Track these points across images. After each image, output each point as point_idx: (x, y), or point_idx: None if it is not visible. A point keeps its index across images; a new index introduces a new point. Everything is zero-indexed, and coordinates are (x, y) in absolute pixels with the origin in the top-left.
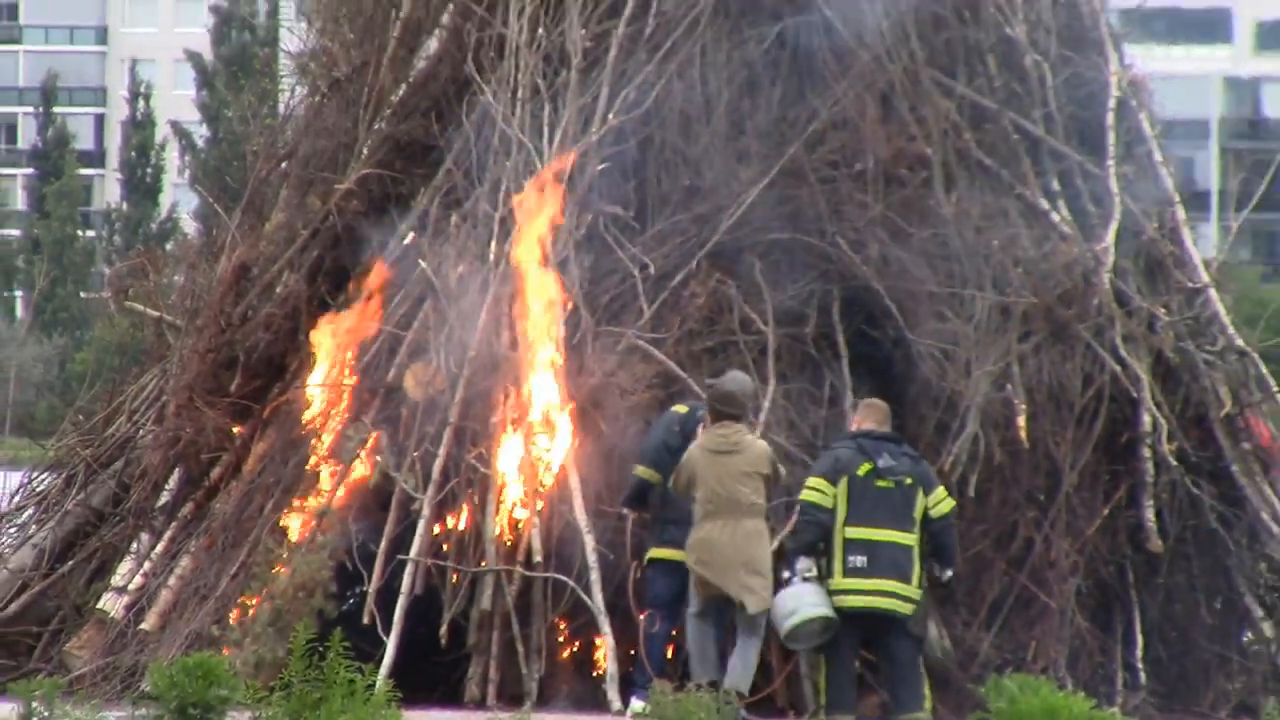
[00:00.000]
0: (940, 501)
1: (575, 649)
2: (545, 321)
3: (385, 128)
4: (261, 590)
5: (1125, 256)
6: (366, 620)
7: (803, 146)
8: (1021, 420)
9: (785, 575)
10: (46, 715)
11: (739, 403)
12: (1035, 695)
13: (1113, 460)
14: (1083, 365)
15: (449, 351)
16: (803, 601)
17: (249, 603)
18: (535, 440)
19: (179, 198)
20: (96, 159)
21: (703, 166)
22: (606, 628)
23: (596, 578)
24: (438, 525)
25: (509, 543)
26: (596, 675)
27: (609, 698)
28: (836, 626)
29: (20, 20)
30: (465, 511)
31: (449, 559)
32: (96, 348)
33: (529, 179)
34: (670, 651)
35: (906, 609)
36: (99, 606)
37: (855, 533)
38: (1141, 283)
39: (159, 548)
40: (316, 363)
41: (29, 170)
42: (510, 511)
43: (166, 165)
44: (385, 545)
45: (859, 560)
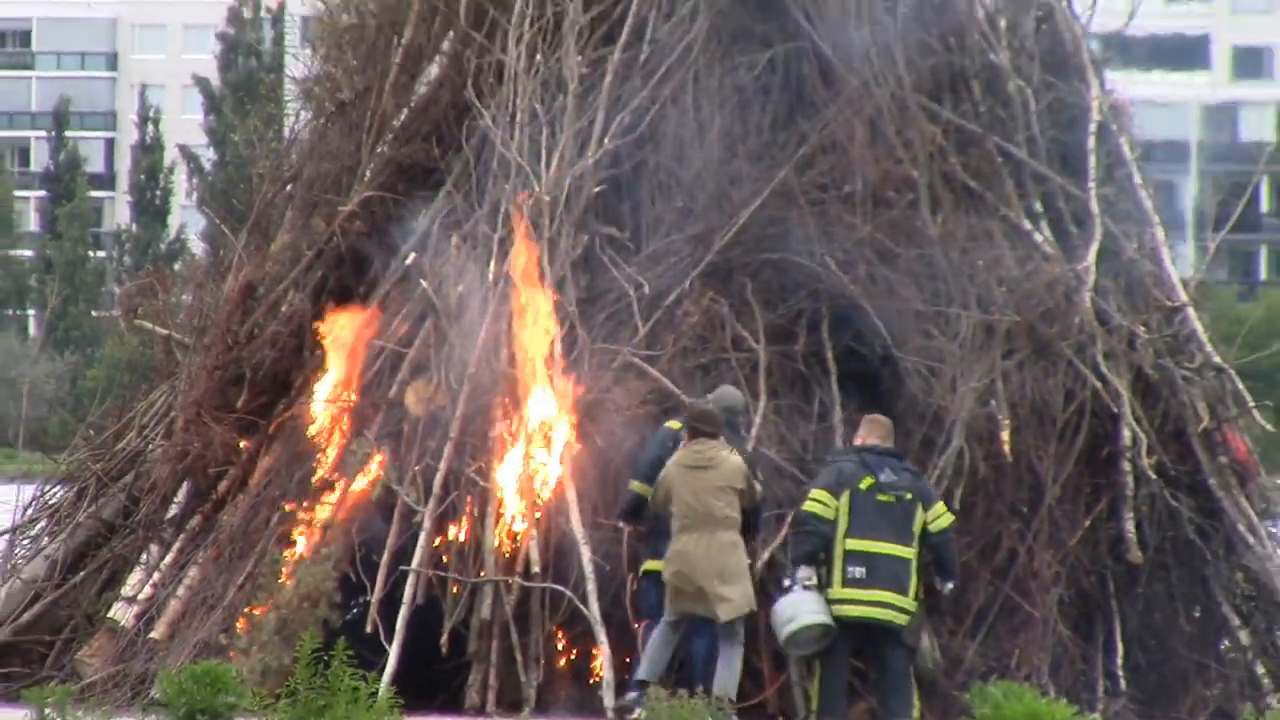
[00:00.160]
0: (939, 516)
1: (572, 657)
2: (542, 339)
3: (387, 151)
4: (267, 600)
5: (1106, 276)
6: (370, 629)
7: (793, 169)
8: (1005, 435)
9: (786, 583)
10: None
11: (715, 421)
12: (1019, 702)
13: (1094, 474)
14: (1065, 381)
15: (449, 368)
16: (801, 609)
17: (255, 612)
18: (533, 454)
19: (187, 219)
20: (107, 182)
21: (696, 189)
22: (603, 636)
23: (593, 588)
24: (439, 537)
25: (508, 554)
26: (593, 682)
27: (605, 704)
28: (834, 634)
29: (33, 47)
30: (465, 524)
31: (449, 570)
32: (107, 365)
33: (528, 200)
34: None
35: (902, 620)
36: (109, 616)
37: (855, 545)
38: (1122, 301)
39: (168, 559)
40: (327, 354)
41: (41, 192)
42: (509, 524)
43: (175, 188)
44: (387, 556)
45: (858, 571)
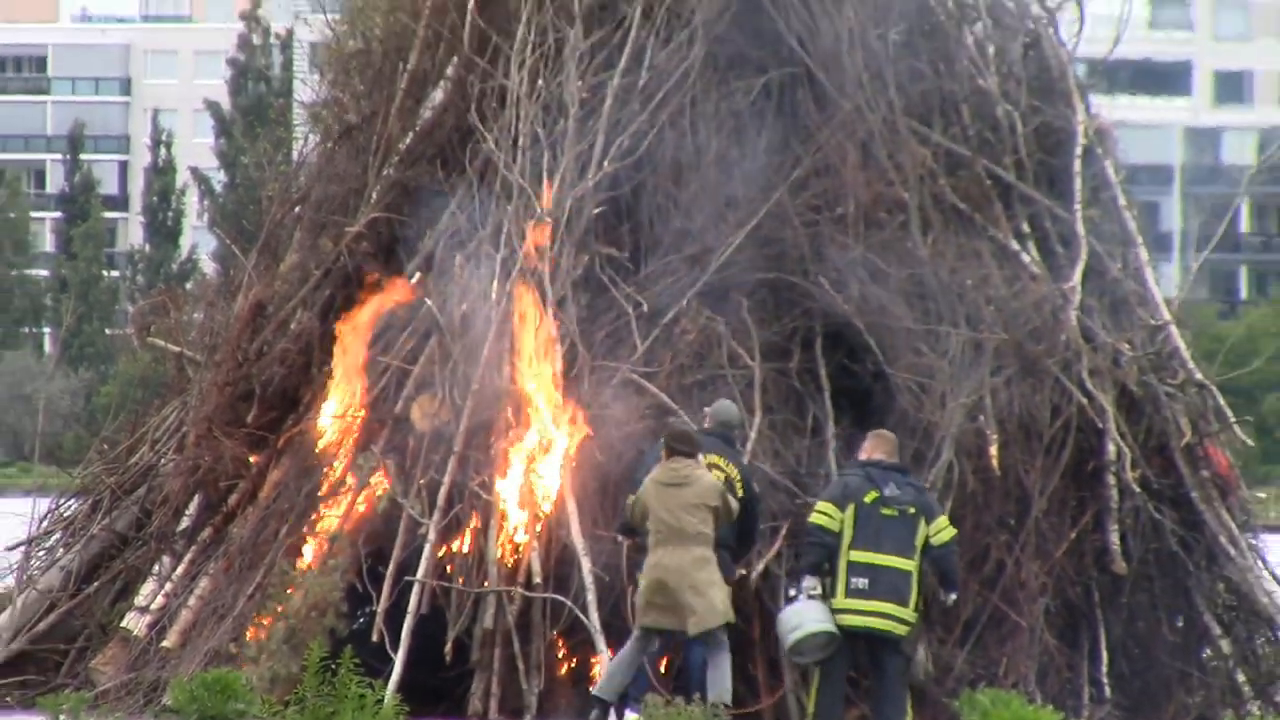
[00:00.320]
0: (941, 530)
1: (573, 665)
2: (543, 357)
3: (393, 173)
4: (276, 610)
5: (1091, 295)
6: (376, 638)
7: (787, 191)
8: (993, 449)
9: (791, 593)
10: None
11: (692, 441)
12: (1006, 709)
13: (1079, 487)
14: (1051, 397)
15: (454, 385)
16: (806, 617)
17: (264, 622)
18: (535, 468)
19: (198, 240)
20: (120, 203)
21: (693, 210)
22: (603, 645)
23: (593, 598)
24: (443, 548)
25: (510, 565)
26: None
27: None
28: (838, 642)
29: (49, 72)
30: (469, 535)
31: (453, 580)
32: (120, 381)
33: (529, 222)
34: (664, 666)
35: (902, 630)
36: (123, 625)
37: (859, 556)
38: (1107, 319)
39: (179, 570)
40: (342, 345)
41: (57, 214)
42: (511, 535)
43: (186, 209)
44: (393, 567)
45: (861, 582)
